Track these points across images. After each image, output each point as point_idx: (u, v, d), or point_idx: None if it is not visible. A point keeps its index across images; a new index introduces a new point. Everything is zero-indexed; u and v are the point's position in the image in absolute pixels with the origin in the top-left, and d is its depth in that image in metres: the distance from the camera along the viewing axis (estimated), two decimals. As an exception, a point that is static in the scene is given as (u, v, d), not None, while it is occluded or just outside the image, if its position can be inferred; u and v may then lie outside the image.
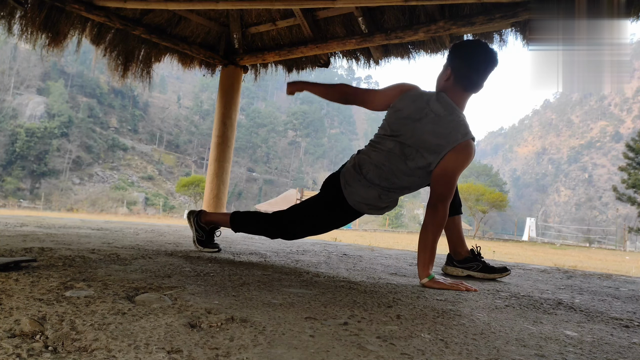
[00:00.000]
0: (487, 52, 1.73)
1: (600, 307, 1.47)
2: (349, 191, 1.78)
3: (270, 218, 1.97)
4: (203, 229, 2.19)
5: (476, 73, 1.72)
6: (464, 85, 1.73)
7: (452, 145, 1.63)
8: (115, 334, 0.75)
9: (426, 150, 1.66)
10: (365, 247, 3.54)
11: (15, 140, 46.70)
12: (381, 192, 1.76)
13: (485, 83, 1.77)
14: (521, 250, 13.17)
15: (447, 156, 1.64)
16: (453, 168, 1.65)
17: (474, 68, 1.72)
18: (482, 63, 1.73)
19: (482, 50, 1.74)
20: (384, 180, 1.74)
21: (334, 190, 1.82)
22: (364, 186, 1.76)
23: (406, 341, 0.86)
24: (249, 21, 4.65)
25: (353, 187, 1.78)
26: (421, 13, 3.65)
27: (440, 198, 1.65)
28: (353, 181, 1.78)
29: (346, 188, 1.79)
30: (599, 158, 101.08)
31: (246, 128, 74.20)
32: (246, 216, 2.06)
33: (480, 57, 1.73)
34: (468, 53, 1.73)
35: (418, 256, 1.67)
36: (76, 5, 3.73)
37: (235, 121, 4.95)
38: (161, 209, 45.94)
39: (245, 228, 2.06)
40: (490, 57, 1.73)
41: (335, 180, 1.84)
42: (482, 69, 1.73)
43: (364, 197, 1.77)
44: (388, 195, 1.78)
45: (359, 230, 21.53)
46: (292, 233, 1.95)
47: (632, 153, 19.19)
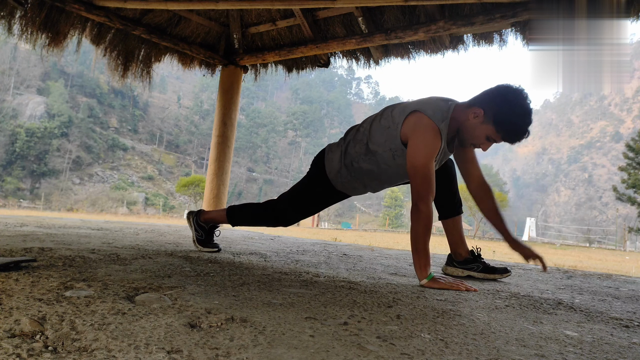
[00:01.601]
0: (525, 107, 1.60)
1: (600, 307, 1.47)
2: (339, 184, 1.87)
3: (265, 206, 2.01)
4: (202, 228, 2.20)
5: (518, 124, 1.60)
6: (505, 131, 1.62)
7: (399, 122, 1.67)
8: (115, 334, 0.75)
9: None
10: (365, 247, 3.54)
11: (15, 140, 46.72)
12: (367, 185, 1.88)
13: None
14: (521, 250, 13.14)
15: (402, 132, 1.65)
16: (412, 150, 1.61)
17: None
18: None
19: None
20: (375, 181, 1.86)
21: (318, 172, 1.90)
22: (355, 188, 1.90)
23: (406, 341, 0.86)
24: (249, 21, 4.65)
25: (343, 184, 1.87)
26: (421, 13, 3.65)
27: (418, 196, 1.59)
28: (345, 181, 1.86)
29: (336, 184, 1.87)
30: (599, 158, 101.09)
31: (246, 128, 74.22)
32: (242, 209, 2.08)
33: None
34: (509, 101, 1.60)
35: (413, 259, 1.64)
36: (76, 5, 3.73)
37: (235, 121, 4.95)
38: (161, 209, 45.96)
39: (242, 221, 2.08)
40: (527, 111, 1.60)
41: (322, 165, 1.90)
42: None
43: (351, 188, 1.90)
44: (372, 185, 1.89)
45: (359, 230, 21.53)
46: (287, 218, 1.98)
47: (632, 153, 19.19)
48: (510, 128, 1.60)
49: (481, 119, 1.63)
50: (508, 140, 1.62)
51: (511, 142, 1.63)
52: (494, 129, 1.61)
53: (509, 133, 1.61)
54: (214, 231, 2.25)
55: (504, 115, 1.58)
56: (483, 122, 1.63)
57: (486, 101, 1.64)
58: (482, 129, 1.64)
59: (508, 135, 1.61)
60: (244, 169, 70.27)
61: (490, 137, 1.64)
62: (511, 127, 1.60)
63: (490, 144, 1.68)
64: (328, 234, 12.20)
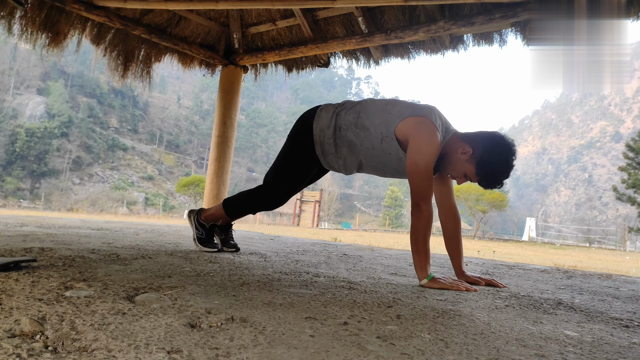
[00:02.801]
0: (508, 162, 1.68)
1: (600, 307, 1.47)
2: (318, 144, 1.88)
3: (255, 189, 2.06)
4: (203, 226, 2.21)
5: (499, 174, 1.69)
6: (484, 176, 1.69)
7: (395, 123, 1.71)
8: (115, 334, 0.75)
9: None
10: (365, 247, 3.54)
11: (15, 140, 46.72)
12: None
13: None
14: (521, 250, 13.17)
15: (401, 127, 1.68)
16: (416, 150, 1.64)
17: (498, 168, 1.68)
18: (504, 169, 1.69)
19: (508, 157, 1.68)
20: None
21: (303, 128, 1.91)
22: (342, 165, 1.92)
23: (406, 341, 0.86)
24: (249, 21, 4.65)
25: (322, 146, 1.88)
26: (421, 13, 3.65)
27: (420, 195, 1.62)
28: (325, 143, 1.87)
29: (316, 143, 1.88)
30: (599, 158, 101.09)
31: (246, 128, 74.21)
32: (235, 199, 2.12)
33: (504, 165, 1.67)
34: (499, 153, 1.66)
35: (413, 259, 1.65)
36: (76, 5, 3.73)
37: (235, 121, 4.95)
38: (161, 209, 45.94)
39: (238, 210, 2.11)
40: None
41: (310, 120, 1.90)
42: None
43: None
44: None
45: (359, 230, 21.53)
46: (275, 194, 1.99)
47: (632, 153, 19.17)
48: (489, 177, 1.69)
49: (467, 157, 1.69)
50: (482, 185, 1.72)
51: (484, 187, 1.73)
52: (474, 170, 1.70)
53: (486, 180, 1.70)
54: (214, 230, 2.25)
55: (488, 164, 1.67)
56: (468, 160, 1.69)
57: (479, 143, 1.69)
58: (465, 166, 1.71)
59: (484, 180, 1.70)
60: (244, 169, 70.27)
61: (468, 175, 1.72)
62: (490, 176, 1.69)
63: (465, 181, 1.76)
64: (328, 234, 12.21)
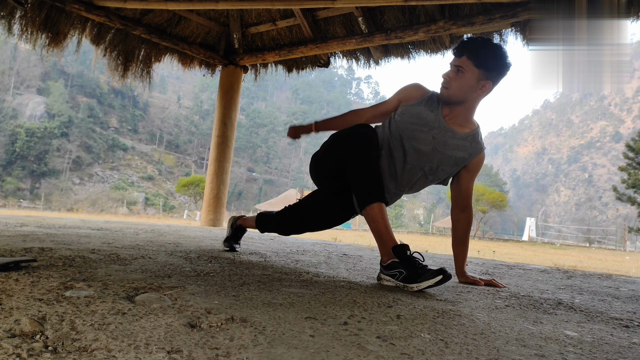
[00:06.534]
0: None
1: (600, 307, 1.47)
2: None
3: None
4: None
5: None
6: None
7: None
8: (115, 334, 0.75)
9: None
10: (365, 247, 3.54)
11: (15, 140, 46.74)
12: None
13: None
14: (521, 250, 13.17)
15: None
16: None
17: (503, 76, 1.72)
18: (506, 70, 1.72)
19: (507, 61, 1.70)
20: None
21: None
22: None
23: (406, 341, 0.86)
24: (249, 21, 4.65)
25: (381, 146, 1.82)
26: (421, 13, 3.65)
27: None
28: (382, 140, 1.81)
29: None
30: (599, 158, 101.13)
31: (246, 128, 74.22)
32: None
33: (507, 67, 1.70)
34: (504, 65, 1.68)
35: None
36: (76, 5, 3.73)
37: (235, 121, 4.95)
38: (161, 209, 45.97)
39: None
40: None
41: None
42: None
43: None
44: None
45: (359, 230, 21.53)
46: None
47: (632, 153, 19.18)
48: (500, 78, 1.69)
49: (486, 90, 1.68)
50: (494, 77, 1.66)
51: (496, 78, 1.67)
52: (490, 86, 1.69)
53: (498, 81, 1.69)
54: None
55: (498, 74, 1.67)
56: (487, 90, 1.69)
57: (491, 71, 1.66)
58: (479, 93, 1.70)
59: (496, 83, 1.69)
60: (244, 169, 70.27)
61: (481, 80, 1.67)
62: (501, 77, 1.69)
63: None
64: (328, 234, 12.21)
